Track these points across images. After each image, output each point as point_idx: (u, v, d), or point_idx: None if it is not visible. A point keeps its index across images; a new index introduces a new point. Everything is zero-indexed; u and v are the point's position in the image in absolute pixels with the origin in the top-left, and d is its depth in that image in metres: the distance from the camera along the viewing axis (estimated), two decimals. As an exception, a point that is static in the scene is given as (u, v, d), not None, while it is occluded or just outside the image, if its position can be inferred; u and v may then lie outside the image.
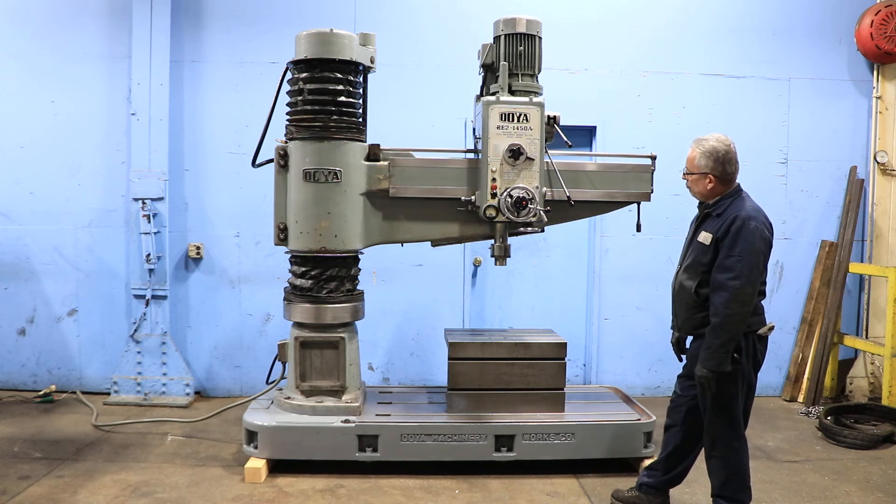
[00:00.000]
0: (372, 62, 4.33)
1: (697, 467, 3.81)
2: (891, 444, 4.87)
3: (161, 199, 5.56)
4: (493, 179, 4.08)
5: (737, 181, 3.49)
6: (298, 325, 4.30)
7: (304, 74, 4.15)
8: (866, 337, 6.07)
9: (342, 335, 4.27)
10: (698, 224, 3.50)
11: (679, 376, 3.66)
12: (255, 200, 5.57)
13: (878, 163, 6.07)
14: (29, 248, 5.78)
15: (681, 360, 3.74)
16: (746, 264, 3.18)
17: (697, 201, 3.58)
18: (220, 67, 5.74)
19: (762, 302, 3.39)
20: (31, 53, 5.71)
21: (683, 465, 3.66)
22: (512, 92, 4.13)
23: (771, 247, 3.32)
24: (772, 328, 3.38)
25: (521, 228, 4.23)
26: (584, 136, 5.95)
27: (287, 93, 4.31)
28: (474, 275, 6.00)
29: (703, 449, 3.56)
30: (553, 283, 6.07)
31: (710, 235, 3.33)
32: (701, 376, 3.26)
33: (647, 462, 4.03)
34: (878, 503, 3.96)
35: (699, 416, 3.50)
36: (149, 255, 5.51)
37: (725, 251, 3.24)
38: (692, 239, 3.49)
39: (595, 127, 5.91)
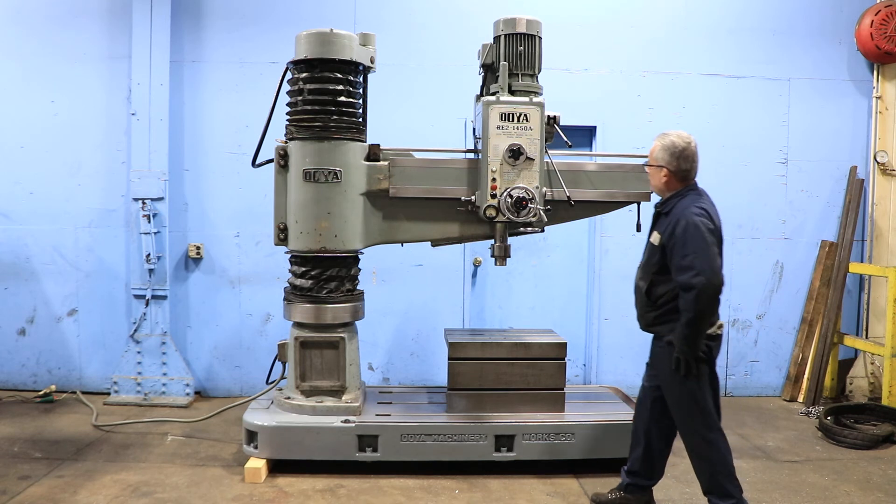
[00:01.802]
0: (372, 62, 4.33)
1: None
2: (891, 444, 4.87)
3: (161, 199, 5.56)
4: (493, 179, 4.08)
5: (694, 180, 3.51)
6: (298, 325, 4.30)
7: (304, 74, 4.15)
8: (866, 337, 6.07)
9: (342, 335, 4.27)
10: (652, 224, 3.57)
11: (647, 364, 3.71)
12: (255, 200, 5.57)
13: (878, 163, 6.07)
14: (29, 248, 5.78)
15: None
16: (704, 258, 3.20)
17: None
18: (220, 67, 5.74)
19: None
20: (31, 53, 5.72)
21: (661, 461, 3.68)
22: (512, 92, 4.13)
23: (719, 234, 3.35)
24: (721, 326, 3.40)
25: (521, 228, 4.24)
26: (584, 136, 5.95)
27: (287, 93, 4.31)
28: (474, 275, 6.00)
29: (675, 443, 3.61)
30: (553, 283, 6.07)
31: (660, 236, 3.40)
32: (676, 359, 3.31)
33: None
34: (878, 503, 3.96)
35: (664, 408, 3.54)
36: (149, 255, 5.51)
37: (679, 253, 3.26)
38: (648, 238, 3.58)
39: (595, 127, 5.91)
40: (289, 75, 4.30)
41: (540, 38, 4.19)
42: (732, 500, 3.39)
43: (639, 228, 4.32)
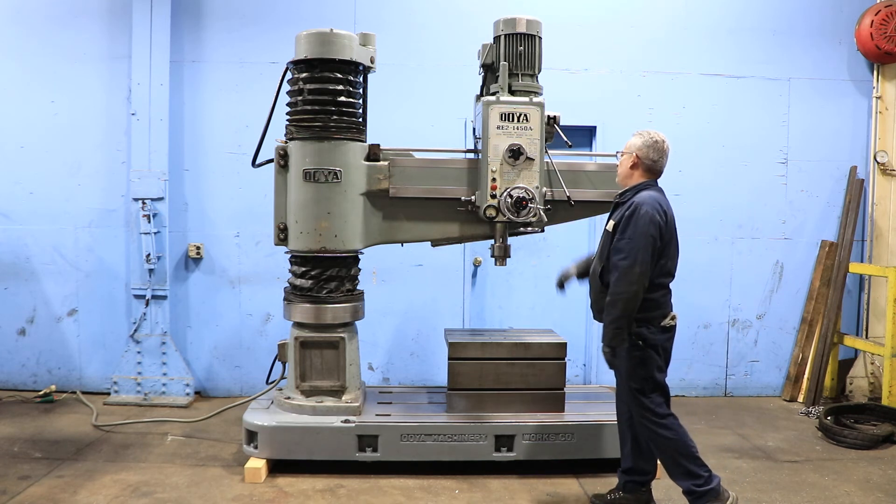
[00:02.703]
0: (372, 62, 4.33)
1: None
2: (891, 444, 4.87)
3: (161, 199, 5.56)
4: (493, 179, 4.08)
5: (657, 178, 3.59)
6: (298, 325, 4.30)
7: (304, 74, 4.15)
8: (866, 337, 6.07)
9: (342, 335, 4.27)
10: (610, 214, 3.65)
11: None
12: (255, 200, 5.57)
13: (878, 163, 6.07)
14: (29, 248, 5.78)
15: (560, 287, 4.08)
16: (635, 246, 3.32)
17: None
18: (220, 67, 5.74)
19: (665, 296, 3.48)
20: (31, 53, 5.72)
21: (650, 456, 3.67)
22: (512, 92, 4.13)
23: (663, 233, 3.40)
24: (674, 318, 3.48)
25: (521, 228, 4.24)
26: (584, 136, 5.95)
27: (287, 93, 4.31)
28: (474, 275, 6.00)
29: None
30: (553, 283, 6.03)
31: (614, 223, 3.49)
32: (604, 353, 3.44)
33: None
34: (878, 503, 3.96)
35: None
36: (149, 255, 5.51)
37: (619, 235, 3.40)
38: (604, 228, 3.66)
39: (595, 127, 5.91)
40: (289, 75, 4.30)
41: (540, 38, 4.19)
42: (700, 479, 3.39)
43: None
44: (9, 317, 5.83)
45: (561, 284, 4.06)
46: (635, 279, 3.30)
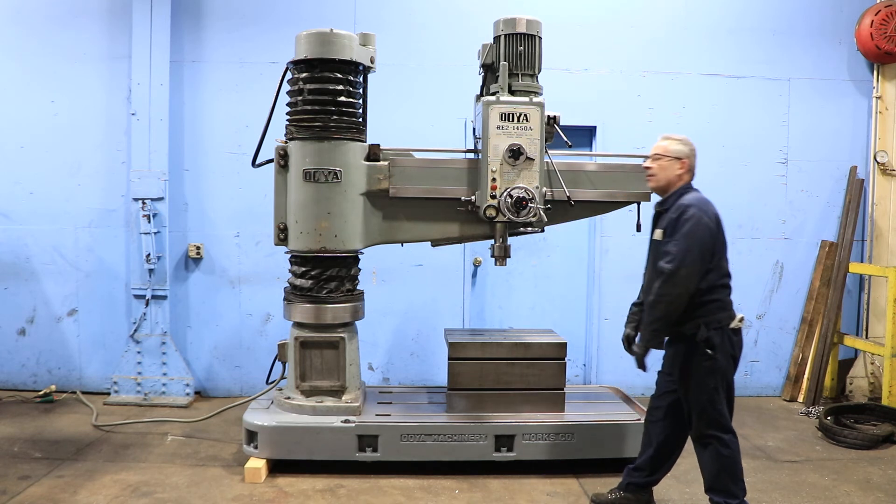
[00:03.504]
0: (372, 62, 4.33)
1: (697, 467, 3.81)
2: (891, 444, 4.87)
3: (161, 199, 5.56)
4: (493, 179, 4.08)
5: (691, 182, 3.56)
6: (298, 325, 4.30)
7: (304, 74, 4.15)
8: (866, 337, 6.07)
9: (342, 335, 4.27)
10: (654, 224, 3.58)
11: (658, 372, 3.70)
12: (255, 200, 5.57)
13: (878, 163, 6.07)
14: (29, 248, 5.78)
15: (631, 353, 3.73)
16: (682, 248, 3.26)
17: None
18: (220, 67, 5.74)
19: (729, 296, 3.43)
20: (31, 53, 5.72)
21: (669, 462, 3.69)
22: (512, 92, 4.13)
23: (715, 236, 3.36)
24: (742, 320, 3.42)
25: (521, 228, 4.24)
26: (584, 136, 5.95)
27: (287, 93, 4.30)
28: (474, 275, 6.00)
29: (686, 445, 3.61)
30: (553, 283, 6.07)
31: (662, 231, 3.43)
32: (637, 351, 3.41)
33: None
34: (878, 503, 3.96)
35: (682, 411, 3.53)
36: (149, 255, 5.51)
37: (668, 237, 3.35)
38: (651, 238, 3.59)
39: (595, 127, 5.91)
40: (289, 75, 4.30)
41: (540, 38, 4.19)
42: (735, 500, 3.40)
43: (639, 228, 4.32)
44: (9, 317, 5.83)
45: (630, 349, 3.78)
46: (680, 281, 3.24)
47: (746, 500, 3.44)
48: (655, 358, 3.58)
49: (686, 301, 3.29)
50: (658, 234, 3.46)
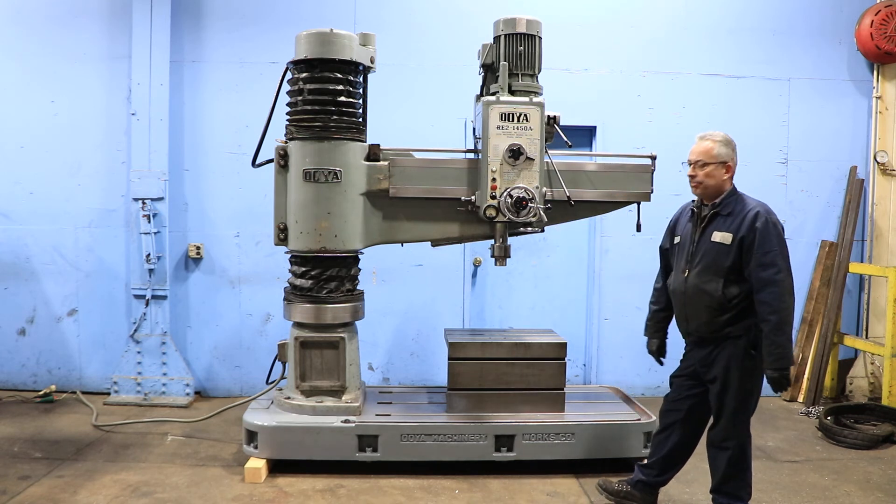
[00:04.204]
0: (372, 62, 4.32)
1: (697, 467, 3.81)
2: (891, 444, 4.87)
3: (161, 199, 5.56)
4: (493, 179, 4.08)
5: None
6: (298, 325, 4.30)
7: (304, 74, 4.15)
8: (866, 337, 6.06)
9: (342, 335, 4.27)
10: (706, 224, 3.43)
11: (675, 377, 3.67)
12: (255, 200, 5.57)
13: (878, 163, 6.07)
14: (29, 248, 5.78)
15: (661, 364, 3.82)
16: (783, 256, 3.24)
17: (697, 201, 3.55)
18: (220, 67, 5.74)
19: None
20: (31, 53, 5.72)
21: (680, 465, 3.68)
22: (512, 92, 4.13)
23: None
24: None
25: (521, 228, 4.24)
26: (584, 136, 5.95)
27: (287, 93, 4.30)
28: (474, 275, 6.00)
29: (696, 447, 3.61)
30: (553, 283, 6.07)
31: (731, 235, 3.31)
32: (774, 378, 3.22)
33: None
34: (878, 503, 3.96)
35: (700, 416, 3.53)
36: (149, 255, 5.51)
37: (760, 248, 3.24)
38: (699, 240, 3.44)
39: (595, 127, 5.91)
40: (289, 75, 4.30)
41: (540, 38, 4.19)
42: (740, 503, 3.41)
43: (639, 228, 4.33)
44: (9, 317, 5.83)
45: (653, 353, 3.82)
46: (792, 290, 3.23)
47: None
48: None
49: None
50: (724, 237, 3.32)
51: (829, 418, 5.12)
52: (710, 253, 3.38)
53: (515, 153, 4.04)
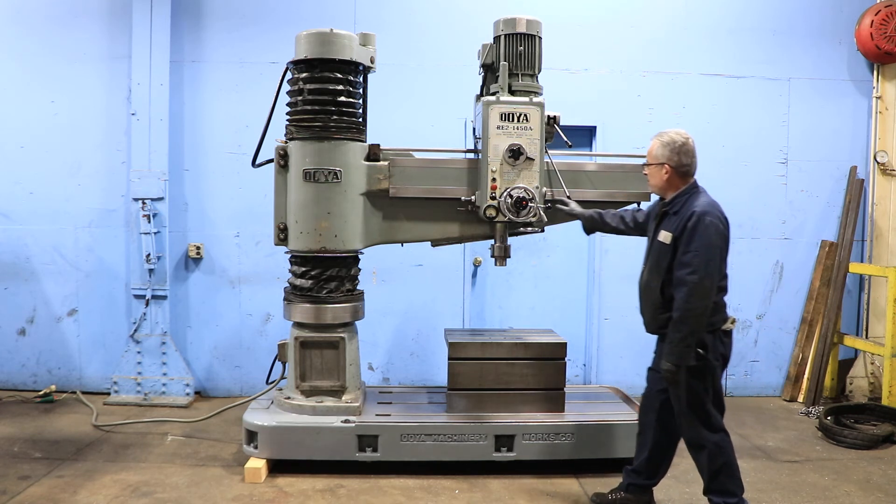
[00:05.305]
0: (372, 62, 4.33)
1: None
2: (891, 444, 4.87)
3: (161, 199, 5.56)
4: (493, 179, 4.08)
5: (694, 177, 3.48)
6: (298, 325, 4.30)
7: (304, 74, 4.15)
8: (866, 337, 6.07)
9: (342, 335, 4.27)
10: (658, 223, 3.49)
11: (649, 369, 3.70)
12: (255, 200, 5.57)
13: (878, 163, 6.07)
14: (29, 248, 5.78)
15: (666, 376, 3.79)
16: (703, 259, 3.21)
17: (658, 198, 3.59)
18: (220, 67, 5.74)
19: (724, 298, 3.41)
20: (31, 53, 5.72)
21: (665, 463, 3.69)
22: (512, 92, 4.13)
23: (727, 241, 3.34)
24: (734, 322, 3.42)
25: (521, 228, 4.24)
26: (584, 136, 5.95)
27: (287, 93, 4.31)
28: (474, 275, 6.00)
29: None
30: (553, 283, 6.07)
31: (670, 234, 3.35)
32: (666, 370, 3.30)
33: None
34: (878, 503, 3.96)
35: (672, 411, 3.52)
36: (149, 255, 5.51)
37: (683, 247, 3.28)
38: (652, 238, 3.51)
39: (595, 127, 5.91)
40: (289, 75, 4.30)
41: (540, 38, 4.19)
42: (734, 498, 3.40)
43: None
44: (9, 317, 5.83)
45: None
46: (706, 293, 3.20)
47: (745, 497, 3.44)
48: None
49: (710, 310, 3.26)
50: (665, 236, 3.37)
51: (829, 418, 5.12)
52: (655, 252, 3.46)
53: (515, 153, 4.04)
